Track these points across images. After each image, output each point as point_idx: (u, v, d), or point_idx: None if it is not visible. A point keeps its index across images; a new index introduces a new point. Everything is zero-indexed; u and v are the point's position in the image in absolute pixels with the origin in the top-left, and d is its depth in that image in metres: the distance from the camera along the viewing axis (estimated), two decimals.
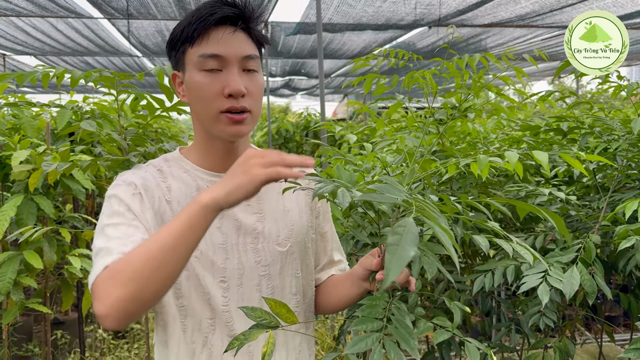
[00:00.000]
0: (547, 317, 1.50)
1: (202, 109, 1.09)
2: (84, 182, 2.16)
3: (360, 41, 7.14)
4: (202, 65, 1.06)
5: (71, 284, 2.48)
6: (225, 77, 1.06)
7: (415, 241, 0.54)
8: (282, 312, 1.01)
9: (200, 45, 1.06)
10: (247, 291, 1.14)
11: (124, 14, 5.89)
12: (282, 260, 1.18)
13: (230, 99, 1.06)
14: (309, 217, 1.27)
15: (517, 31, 7.10)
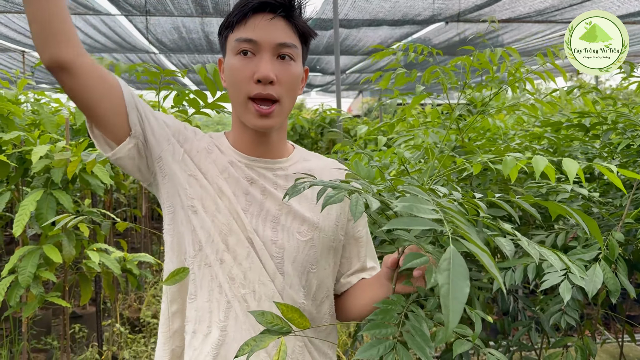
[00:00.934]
0: (568, 316, 1.47)
1: (234, 93, 1.10)
2: (103, 178, 2.17)
3: (376, 37, 7.11)
4: (237, 48, 1.08)
5: (89, 278, 2.50)
6: (257, 62, 1.07)
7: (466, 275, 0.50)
8: (295, 317, 0.96)
9: (239, 30, 1.08)
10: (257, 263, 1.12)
11: (142, 11, 5.93)
12: (298, 248, 1.15)
13: (258, 84, 1.06)
14: (339, 217, 1.22)
15: (535, 27, 7.03)
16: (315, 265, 1.17)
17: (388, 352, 0.84)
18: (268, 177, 1.15)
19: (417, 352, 0.85)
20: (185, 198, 1.12)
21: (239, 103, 1.10)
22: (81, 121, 2.28)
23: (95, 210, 2.48)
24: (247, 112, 1.09)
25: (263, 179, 1.15)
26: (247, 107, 1.08)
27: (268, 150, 1.17)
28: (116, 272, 2.30)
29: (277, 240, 1.13)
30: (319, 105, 7.90)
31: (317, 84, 14.15)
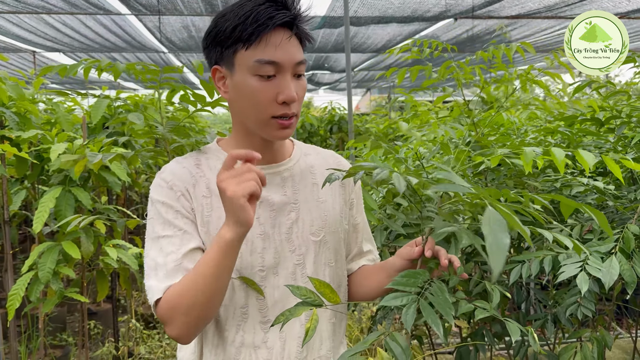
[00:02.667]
0: (584, 307, 1.49)
1: (253, 112, 1.10)
2: (120, 174, 2.21)
3: (385, 34, 7.11)
4: (257, 70, 1.06)
5: (106, 275, 2.53)
6: (279, 84, 1.07)
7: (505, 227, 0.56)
8: (327, 292, 1.03)
9: (257, 49, 1.05)
10: (283, 280, 1.16)
11: (152, 10, 5.97)
12: (315, 249, 1.19)
13: (283, 105, 1.07)
14: (343, 208, 1.28)
15: (544, 22, 6.99)
16: (332, 259, 1.23)
17: (411, 302, 0.91)
18: (275, 187, 1.18)
19: (440, 310, 0.91)
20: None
21: (259, 121, 1.10)
22: (97, 119, 2.31)
23: (112, 207, 2.51)
24: (268, 127, 1.10)
25: (271, 192, 1.17)
26: (270, 123, 1.09)
27: (273, 156, 1.20)
28: (134, 267, 2.33)
29: (294, 249, 1.17)
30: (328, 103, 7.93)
31: (325, 82, 14.16)
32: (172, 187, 1.12)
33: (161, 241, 1.09)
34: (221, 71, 1.12)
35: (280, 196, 1.18)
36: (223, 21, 1.07)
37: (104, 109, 2.49)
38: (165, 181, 1.13)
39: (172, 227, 1.10)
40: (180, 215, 1.11)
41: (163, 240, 1.09)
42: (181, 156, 1.21)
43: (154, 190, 1.14)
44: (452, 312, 0.90)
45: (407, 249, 1.15)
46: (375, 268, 1.29)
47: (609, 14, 1.16)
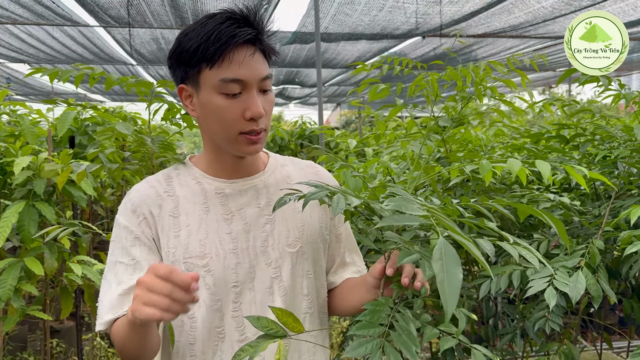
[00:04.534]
0: (552, 322, 1.51)
1: (221, 130, 1.09)
2: (87, 189, 2.16)
3: (355, 51, 7.20)
4: (222, 88, 1.05)
5: (70, 291, 2.46)
6: (245, 100, 1.06)
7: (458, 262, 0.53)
8: (289, 322, 0.99)
9: (220, 68, 1.04)
10: (260, 295, 1.14)
11: (121, 23, 5.91)
12: (292, 261, 1.17)
13: (251, 121, 1.07)
14: (322, 217, 1.25)
15: (509, 41, 7.20)
16: (311, 270, 1.21)
17: (375, 350, 0.87)
18: (249, 199, 1.17)
19: (403, 350, 0.88)
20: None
21: (227, 138, 1.10)
22: (63, 132, 2.26)
23: (77, 222, 2.45)
24: (237, 144, 1.10)
25: (244, 205, 1.16)
26: (238, 140, 1.09)
27: (246, 169, 1.19)
28: (98, 284, 2.27)
29: (270, 262, 1.16)
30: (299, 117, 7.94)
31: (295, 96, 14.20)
32: (135, 211, 1.13)
33: (117, 267, 1.10)
34: (187, 90, 1.11)
35: (253, 208, 1.17)
36: (186, 40, 1.06)
37: (70, 122, 2.44)
38: (130, 203, 1.14)
39: (127, 255, 1.11)
40: (138, 242, 1.11)
41: (119, 267, 1.10)
42: (152, 175, 1.21)
43: (120, 212, 1.15)
44: (417, 349, 0.88)
45: (375, 266, 1.12)
46: (357, 282, 1.26)
47: (609, 14, 1.18)
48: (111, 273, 1.10)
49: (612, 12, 5.40)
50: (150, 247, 1.12)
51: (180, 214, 1.13)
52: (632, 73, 10.72)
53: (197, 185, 1.17)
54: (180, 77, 1.11)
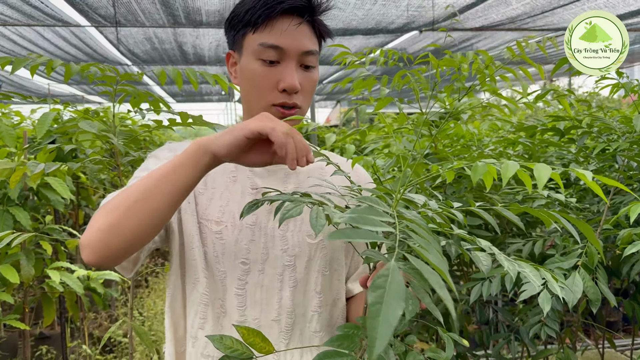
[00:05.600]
0: (548, 327, 1.42)
1: (254, 98, 1.06)
2: (62, 192, 2.07)
3: (351, 46, 7.08)
4: (260, 54, 1.03)
5: (52, 299, 2.38)
6: (282, 71, 1.03)
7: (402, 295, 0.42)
8: (257, 342, 0.87)
9: (263, 33, 1.02)
10: (268, 279, 1.08)
11: (112, 22, 5.81)
12: (310, 253, 1.11)
13: (283, 93, 1.03)
14: None
15: (508, 35, 7.07)
16: (327, 268, 1.13)
17: None
18: (277, 180, 1.12)
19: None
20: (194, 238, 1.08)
21: (259, 108, 1.05)
22: (42, 134, 2.17)
23: (57, 227, 2.36)
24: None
25: (270, 185, 1.10)
26: (270, 111, 1.04)
27: None
28: (79, 291, 2.19)
29: (287, 249, 1.09)
30: None
31: None
32: (171, 150, 1.10)
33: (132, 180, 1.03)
34: (233, 56, 1.11)
35: (280, 190, 1.10)
36: (240, 6, 1.06)
37: (49, 123, 2.35)
38: (167, 147, 1.12)
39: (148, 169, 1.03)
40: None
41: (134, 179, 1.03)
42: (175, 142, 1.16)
43: (152, 153, 1.11)
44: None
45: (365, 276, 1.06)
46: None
47: (609, 14, 1.14)
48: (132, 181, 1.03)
49: (610, 2, 5.28)
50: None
51: (209, 175, 1.09)
52: (634, 65, 10.60)
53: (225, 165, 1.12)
54: (231, 42, 1.11)
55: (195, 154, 0.86)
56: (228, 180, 1.10)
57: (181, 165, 0.86)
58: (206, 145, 0.85)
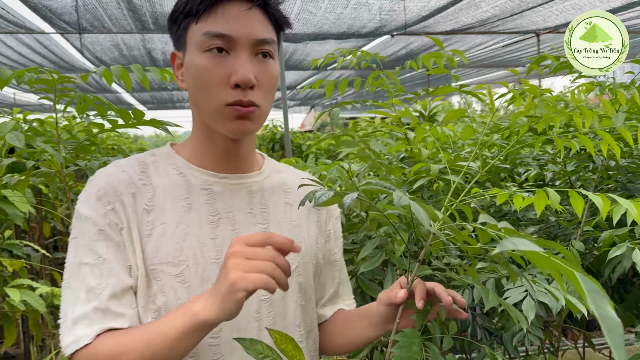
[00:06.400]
0: (532, 334, 1.37)
1: (203, 98, 0.91)
2: (21, 206, 1.96)
3: (324, 51, 7.05)
4: (205, 45, 0.88)
5: (12, 318, 2.25)
6: (232, 63, 0.88)
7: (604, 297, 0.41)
8: (289, 349, 0.82)
9: (207, 21, 0.88)
10: (244, 320, 0.93)
11: (77, 29, 5.66)
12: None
13: (236, 90, 0.88)
14: (318, 237, 1.09)
15: (478, 38, 7.14)
16: (302, 297, 1.03)
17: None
18: (240, 201, 0.98)
19: None
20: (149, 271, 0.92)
21: (210, 110, 0.90)
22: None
23: (17, 243, 2.24)
24: (222, 118, 0.90)
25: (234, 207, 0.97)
26: (223, 113, 0.89)
27: (240, 163, 1.00)
28: (41, 310, 2.07)
29: None
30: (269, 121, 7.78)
31: None
32: (101, 198, 0.89)
33: (83, 270, 0.87)
34: (178, 56, 0.96)
35: (244, 213, 0.97)
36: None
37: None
38: (95, 188, 0.90)
39: (92, 253, 0.88)
40: (103, 237, 0.88)
41: (85, 269, 0.87)
42: (123, 159, 0.99)
43: (81, 201, 0.91)
44: None
45: (387, 294, 0.98)
46: (354, 315, 1.10)
47: (609, 14, 1.13)
48: (76, 279, 0.87)
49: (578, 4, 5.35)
50: (119, 245, 0.89)
51: (155, 208, 0.92)
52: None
53: (180, 176, 0.96)
54: (174, 41, 0.97)
55: (198, 330, 0.79)
56: (181, 209, 0.93)
57: (183, 340, 0.79)
58: (208, 319, 0.77)
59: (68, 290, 0.88)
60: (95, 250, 0.87)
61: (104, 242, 0.88)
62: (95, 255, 0.87)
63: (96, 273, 0.86)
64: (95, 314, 0.85)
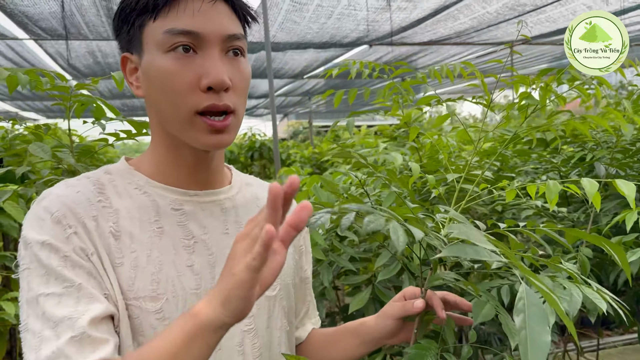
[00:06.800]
0: None
1: (168, 106, 0.79)
2: (17, 216, 1.90)
3: (302, 60, 7.08)
4: (168, 44, 0.77)
5: (4, 332, 2.18)
6: (202, 63, 0.77)
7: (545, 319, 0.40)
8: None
9: (167, 17, 0.77)
10: (226, 355, 0.82)
11: (54, 35, 5.54)
12: (269, 308, 0.90)
13: (209, 93, 0.77)
14: (294, 254, 1.00)
15: (453, 49, 7.28)
16: (287, 322, 0.95)
17: None
18: (215, 221, 0.87)
19: None
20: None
21: (178, 119, 0.78)
22: None
23: (8, 255, 2.17)
24: (192, 128, 0.79)
25: (209, 229, 0.85)
26: (194, 123, 0.78)
27: (210, 178, 0.88)
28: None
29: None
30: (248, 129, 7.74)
31: None
32: (59, 221, 0.73)
33: (47, 302, 0.70)
34: (131, 60, 0.83)
35: (220, 235, 0.86)
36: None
37: None
38: (48, 211, 0.74)
39: (58, 281, 0.71)
40: (70, 263, 0.72)
41: (49, 301, 0.70)
42: (71, 178, 0.83)
43: (29, 227, 0.74)
44: None
45: (400, 306, 0.94)
46: (338, 334, 1.03)
47: (609, 14, 1.13)
48: (36, 316, 0.69)
49: (552, 16, 5.53)
50: (90, 272, 0.73)
51: (122, 234, 0.78)
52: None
53: (145, 196, 0.82)
54: (124, 44, 0.84)
55: (203, 335, 0.64)
56: (152, 234, 0.80)
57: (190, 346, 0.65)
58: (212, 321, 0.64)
59: (28, 333, 0.69)
60: (64, 277, 0.71)
61: (72, 269, 0.72)
62: (64, 282, 0.71)
63: (68, 302, 0.70)
64: (72, 346, 0.67)
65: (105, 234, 0.77)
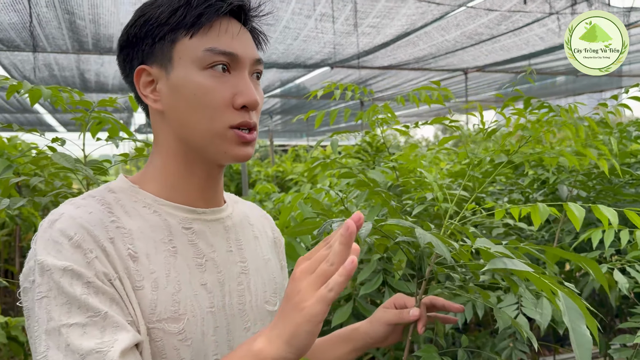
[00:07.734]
0: (519, 350, 1.49)
1: (199, 120, 0.81)
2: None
3: (264, 80, 7.14)
4: (207, 61, 0.80)
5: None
6: (236, 84, 0.81)
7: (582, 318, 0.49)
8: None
9: (206, 36, 0.80)
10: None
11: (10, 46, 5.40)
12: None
13: (242, 111, 0.81)
14: (281, 271, 1.04)
15: (411, 73, 7.52)
16: None
17: None
18: (220, 239, 0.89)
19: None
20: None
21: (210, 134, 0.81)
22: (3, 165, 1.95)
23: None
24: (224, 142, 0.82)
25: (215, 247, 0.87)
26: (226, 136, 0.81)
27: (216, 196, 0.90)
28: (1, 340, 1.95)
29: (249, 326, 0.89)
30: None
31: None
32: (79, 245, 0.71)
33: (70, 333, 0.67)
34: (150, 72, 0.83)
35: (225, 252, 0.88)
36: (154, 8, 0.82)
37: None
38: (65, 235, 0.72)
39: (82, 310, 0.69)
40: (93, 290, 0.70)
41: (74, 332, 0.67)
42: (76, 198, 0.81)
43: (45, 250, 0.71)
44: None
45: (396, 313, 1.00)
46: (330, 341, 1.06)
47: (609, 14, 1.15)
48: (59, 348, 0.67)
49: (506, 46, 5.81)
50: (113, 298, 0.72)
51: (140, 255, 0.77)
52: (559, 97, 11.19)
53: (155, 215, 0.82)
54: (140, 56, 0.84)
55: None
56: (168, 254, 0.80)
57: None
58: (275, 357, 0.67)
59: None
60: (87, 305, 0.69)
61: (96, 296, 0.70)
62: (88, 311, 0.69)
63: (93, 332, 0.68)
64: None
65: (124, 256, 0.76)
